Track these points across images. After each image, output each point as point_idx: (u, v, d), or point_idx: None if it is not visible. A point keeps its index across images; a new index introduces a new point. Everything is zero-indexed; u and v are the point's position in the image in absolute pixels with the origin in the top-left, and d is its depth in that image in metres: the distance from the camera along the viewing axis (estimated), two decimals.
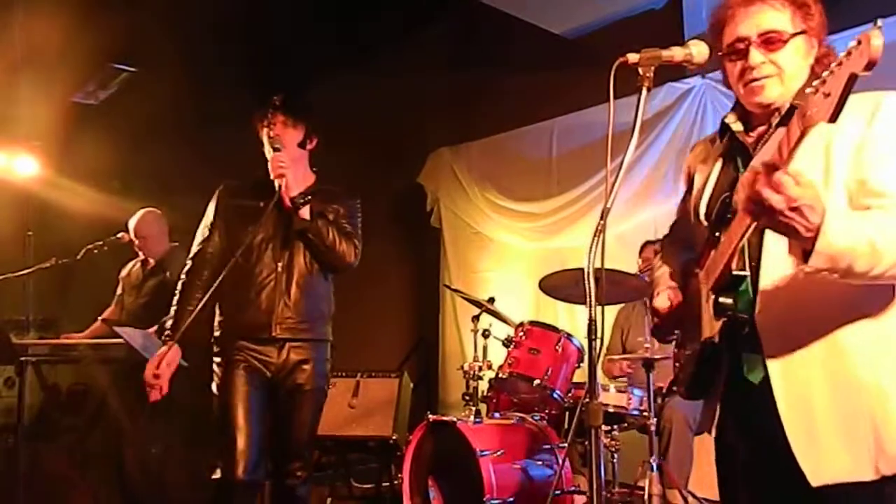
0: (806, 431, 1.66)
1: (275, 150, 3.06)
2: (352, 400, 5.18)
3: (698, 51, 1.86)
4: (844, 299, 1.64)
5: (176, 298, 3.13)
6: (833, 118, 1.31)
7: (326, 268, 3.20)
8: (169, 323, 3.11)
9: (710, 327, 1.78)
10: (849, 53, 1.29)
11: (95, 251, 4.90)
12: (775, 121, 1.79)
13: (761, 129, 1.84)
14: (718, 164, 1.92)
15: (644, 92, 1.82)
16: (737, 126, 1.89)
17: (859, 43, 1.28)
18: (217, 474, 2.99)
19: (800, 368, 1.68)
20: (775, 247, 1.65)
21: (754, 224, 1.56)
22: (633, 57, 1.83)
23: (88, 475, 4.59)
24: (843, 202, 1.65)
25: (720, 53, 1.86)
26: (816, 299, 1.65)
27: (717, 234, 1.79)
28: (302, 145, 3.17)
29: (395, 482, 4.93)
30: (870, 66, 1.27)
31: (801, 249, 1.51)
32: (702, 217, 1.90)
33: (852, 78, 1.28)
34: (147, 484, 4.39)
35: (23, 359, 4.47)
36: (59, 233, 5.68)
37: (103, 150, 5.51)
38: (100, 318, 5.04)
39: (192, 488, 4.84)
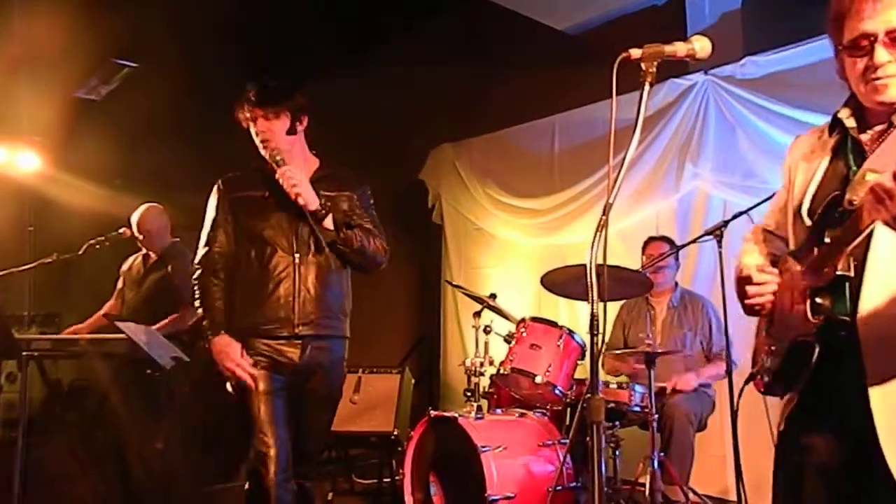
0: None
1: (276, 163, 2.99)
2: (353, 395, 5.19)
3: (701, 46, 1.85)
4: None
5: (199, 302, 3.06)
6: None
7: (358, 269, 3.24)
8: (205, 323, 3.03)
9: (805, 325, 1.75)
10: None
11: (97, 246, 4.90)
12: (888, 122, 1.75)
13: (879, 127, 1.78)
14: (826, 160, 1.87)
15: (647, 87, 1.81)
16: (850, 122, 1.83)
17: None
18: (245, 481, 2.95)
19: None
20: (884, 251, 1.61)
21: (870, 227, 1.53)
22: (635, 52, 1.82)
23: (90, 470, 4.60)
24: None
25: (839, 47, 1.80)
26: None
27: (822, 232, 1.74)
28: (291, 132, 3.06)
29: (397, 478, 4.94)
30: None
31: None
32: (804, 213, 1.85)
33: None
34: (149, 479, 4.40)
35: (24, 354, 4.47)
36: (61, 228, 5.69)
37: (105, 146, 5.52)
38: (101, 312, 5.05)
39: (195, 484, 4.85)
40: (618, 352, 4.52)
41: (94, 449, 4.69)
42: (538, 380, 4.03)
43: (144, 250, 5.05)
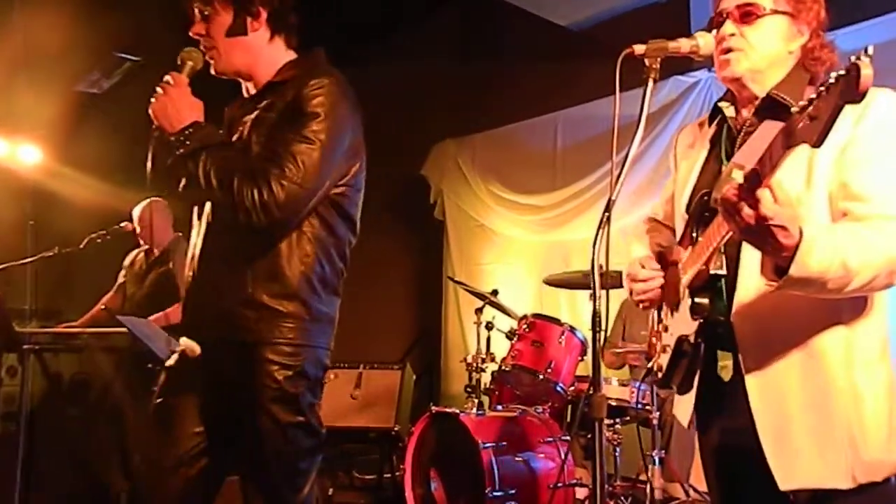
0: (778, 434, 1.64)
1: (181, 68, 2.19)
2: (354, 391, 5.19)
3: (705, 42, 1.84)
4: (821, 305, 1.61)
5: None
6: (818, 143, 1.28)
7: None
8: None
9: (687, 324, 1.76)
10: (837, 80, 1.25)
11: (98, 240, 4.89)
12: (751, 110, 1.77)
13: (745, 114, 1.80)
14: (704, 153, 1.89)
15: (650, 83, 1.80)
16: (729, 111, 1.85)
17: (848, 72, 1.23)
18: None
19: (775, 371, 1.65)
20: (754, 250, 1.62)
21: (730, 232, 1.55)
22: (639, 48, 1.82)
23: (91, 464, 4.60)
24: (824, 207, 1.63)
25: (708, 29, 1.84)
26: (793, 304, 1.62)
27: (693, 232, 1.76)
28: (236, 31, 2.16)
29: (397, 473, 4.94)
30: (860, 96, 1.23)
31: (772, 265, 1.50)
32: (682, 208, 1.88)
33: (839, 107, 1.25)
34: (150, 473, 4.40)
35: (25, 347, 4.48)
36: (62, 222, 5.67)
37: (107, 140, 5.51)
38: (101, 306, 5.05)
39: None
40: (619, 350, 4.52)
41: (95, 443, 4.69)
42: (539, 376, 4.03)
43: (146, 245, 5.05)
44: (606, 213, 1.75)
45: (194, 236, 2.22)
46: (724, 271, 1.68)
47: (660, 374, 1.90)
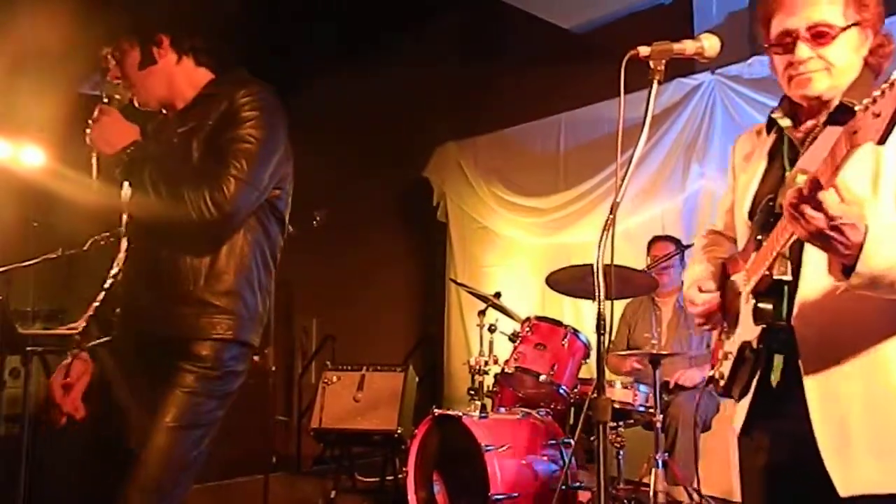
0: (838, 441, 1.62)
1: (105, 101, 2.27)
2: (357, 393, 5.18)
3: (710, 44, 1.83)
4: (886, 310, 1.60)
5: None
6: (882, 140, 1.26)
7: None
8: None
9: (750, 330, 1.75)
10: None
11: (102, 242, 4.88)
12: (823, 118, 1.74)
13: (810, 123, 1.78)
14: (764, 161, 1.87)
15: (655, 85, 1.79)
16: (784, 122, 1.83)
17: None
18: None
19: (836, 377, 1.64)
20: (817, 254, 1.61)
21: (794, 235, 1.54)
22: (644, 50, 1.81)
23: (95, 466, 4.59)
24: (892, 206, 1.61)
25: (766, 45, 1.81)
26: (857, 309, 1.61)
27: (759, 236, 1.75)
28: (145, 63, 2.28)
29: (400, 476, 4.93)
30: None
31: (840, 266, 1.49)
32: (745, 216, 1.86)
33: None
34: None
35: (28, 349, 4.47)
36: (65, 224, 5.67)
37: None
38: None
39: (203, 479, 4.84)
40: (622, 353, 4.51)
41: (99, 444, 4.69)
42: (542, 379, 4.03)
43: None
44: (611, 216, 1.74)
45: (123, 245, 2.34)
46: (788, 276, 1.67)
47: (721, 382, 1.89)
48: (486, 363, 4.26)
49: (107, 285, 2.36)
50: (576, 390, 4.15)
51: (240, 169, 2.07)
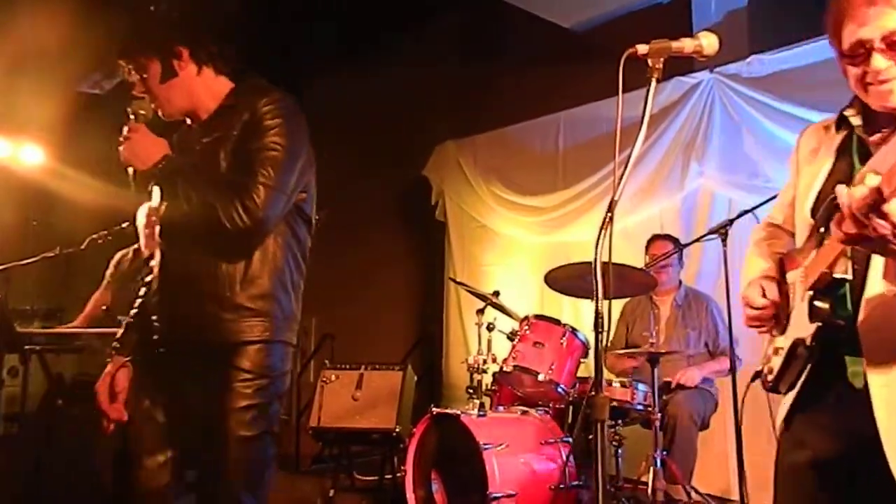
0: None
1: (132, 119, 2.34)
2: (355, 392, 5.18)
3: (708, 42, 1.83)
4: None
5: None
6: None
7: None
8: None
9: (804, 327, 1.73)
10: None
11: (100, 241, 4.90)
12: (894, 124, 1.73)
13: (886, 131, 1.76)
14: (831, 158, 1.84)
15: (653, 83, 1.79)
16: (856, 121, 1.81)
17: None
18: None
19: None
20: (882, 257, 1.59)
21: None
22: (642, 48, 1.81)
23: (93, 465, 4.60)
24: None
25: (839, 55, 1.79)
26: None
27: (821, 233, 1.73)
28: (167, 76, 2.33)
29: (398, 475, 4.93)
30: None
31: None
32: (806, 212, 1.83)
33: None
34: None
35: (27, 348, 4.47)
36: (64, 222, 5.69)
37: (109, 141, 5.49)
38: (103, 306, 5.05)
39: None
40: (621, 351, 4.51)
41: (97, 443, 4.69)
42: (541, 378, 4.03)
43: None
44: (609, 214, 1.74)
45: (156, 255, 2.40)
46: (849, 276, 1.65)
47: (770, 377, 1.88)
48: (485, 362, 4.26)
49: (141, 293, 2.43)
50: (574, 389, 4.15)
51: (268, 176, 2.14)
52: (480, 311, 4.49)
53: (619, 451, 4.16)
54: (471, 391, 4.20)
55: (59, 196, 5.85)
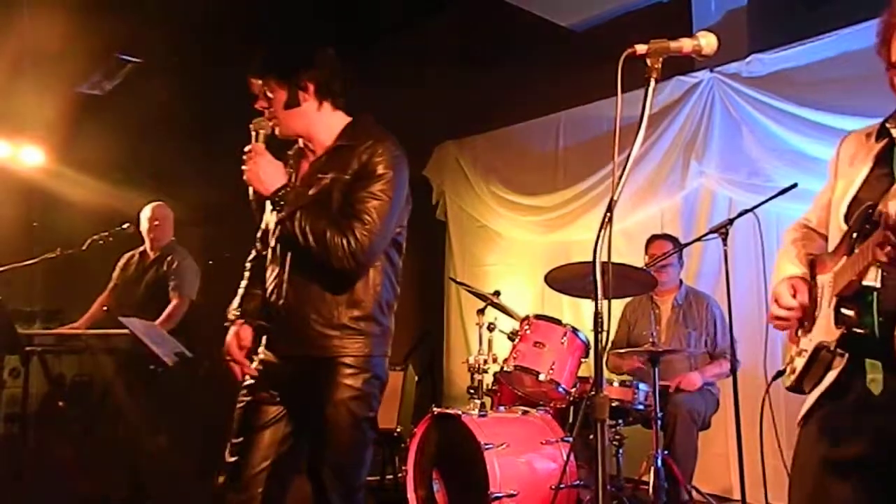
0: None
1: (254, 137, 2.61)
2: None
3: (707, 42, 1.83)
4: None
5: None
6: None
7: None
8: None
9: (828, 332, 1.74)
10: None
11: (101, 242, 4.91)
12: None
13: None
14: (868, 166, 1.85)
15: (652, 83, 1.79)
16: None
17: None
18: None
19: None
20: None
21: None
22: (641, 48, 1.81)
23: (93, 466, 4.60)
24: None
25: (887, 65, 1.79)
26: None
27: (853, 240, 1.73)
28: (291, 104, 2.60)
29: (400, 474, 4.94)
30: None
31: None
32: (840, 218, 1.84)
33: None
34: (153, 474, 4.41)
35: (28, 349, 4.48)
36: (65, 223, 5.69)
37: (109, 141, 5.52)
38: (104, 307, 5.06)
39: (200, 478, 4.85)
40: (622, 351, 4.51)
41: (97, 444, 4.70)
42: (542, 377, 4.03)
43: (148, 244, 5.08)
44: (608, 214, 1.74)
45: (270, 273, 2.65)
46: (877, 284, 1.65)
47: (792, 377, 1.89)
48: (486, 362, 4.27)
49: (269, 289, 2.64)
50: (575, 388, 4.16)
51: (372, 223, 2.46)
52: (481, 311, 4.49)
53: (620, 450, 4.16)
54: (471, 391, 4.20)
55: (59, 197, 5.86)
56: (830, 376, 1.78)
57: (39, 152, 5.70)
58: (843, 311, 1.70)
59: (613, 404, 4.07)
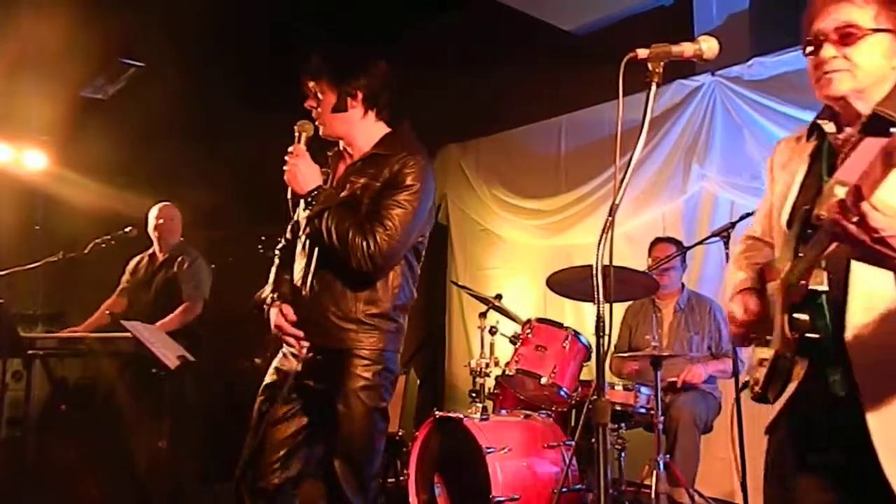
0: (894, 444, 1.63)
1: (297, 138, 2.78)
2: None
3: (708, 46, 1.84)
4: None
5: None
6: None
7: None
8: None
9: (784, 341, 1.74)
10: None
11: (103, 245, 4.91)
12: (858, 127, 1.75)
13: (848, 131, 1.79)
14: (804, 168, 1.86)
15: (653, 87, 1.80)
16: (829, 127, 1.83)
17: None
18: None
19: (892, 389, 1.64)
20: (863, 267, 1.60)
21: (833, 245, 1.53)
22: (642, 52, 1.81)
23: (96, 468, 4.61)
24: None
25: (803, 50, 1.83)
26: None
27: (796, 245, 1.74)
28: (338, 109, 2.77)
29: (401, 478, 4.93)
30: None
31: None
32: (782, 224, 1.85)
33: None
34: (154, 477, 4.41)
35: (30, 352, 4.49)
36: (67, 227, 5.69)
37: (111, 145, 5.53)
38: (106, 311, 5.07)
39: (201, 482, 4.85)
40: (624, 355, 4.51)
41: (99, 447, 4.70)
42: (543, 381, 4.03)
43: (156, 244, 5.09)
44: (610, 218, 1.74)
45: (298, 264, 2.81)
46: (824, 287, 1.66)
47: (756, 388, 1.89)
48: (487, 365, 4.27)
49: (296, 279, 2.81)
50: (577, 392, 4.15)
51: (393, 230, 2.61)
52: (483, 315, 4.49)
53: (622, 454, 4.16)
54: (473, 395, 4.20)
55: (62, 201, 5.86)
56: (793, 384, 1.78)
57: (42, 156, 5.71)
58: (796, 316, 1.71)
59: (616, 408, 4.07)
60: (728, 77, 5.01)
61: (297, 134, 2.77)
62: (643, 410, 4.12)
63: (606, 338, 1.75)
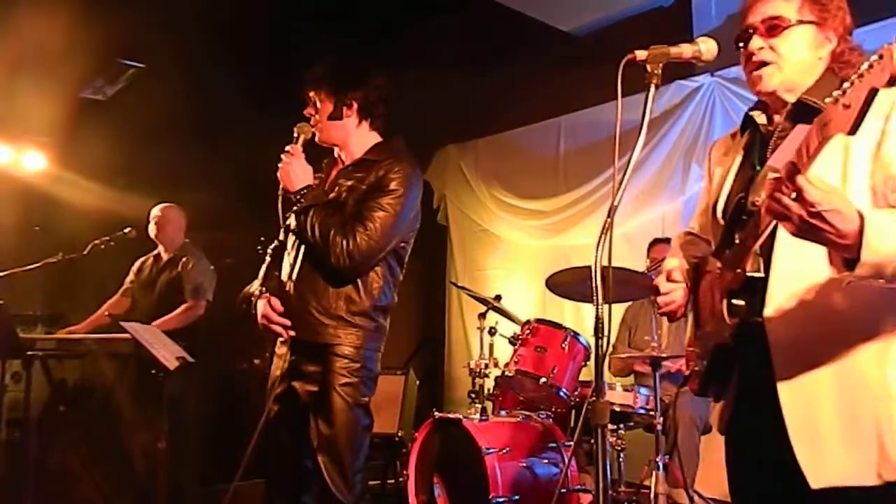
0: (809, 433, 1.64)
1: (295, 139, 2.91)
2: None
3: (707, 47, 1.85)
4: (857, 305, 1.62)
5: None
6: (853, 131, 1.29)
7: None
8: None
9: (723, 328, 1.76)
10: (870, 66, 1.27)
11: (102, 246, 4.91)
12: (784, 115, 1.79)
13: (777, 118, 1.84)
14: (738, 160, 1.90)
15: (652, 89, 1.81)
16: (761, 119, 1.88)
17: (881, 57, 1.27)
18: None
19: (807, 370, 1.66)
20: (785, 248, 1.64)
21: (770, 227, 1.55)
22: (641, 53, 1.82)
23: (94, 470, 4.61)
24: (864, 201, 1.62)
25: (735, 45, 1.86)
26: (828, 305, 1.63)
27: (732, 233, 1.76)
28: (334, 116, 2.90)
29: (401, 479, 4.93)
30: (892, 80, 1.26)
31: (841, 258, 1.48)
32: (718, 215, 1.88)
33: (873, 92, 1.27)
34: (153, 479, 4.41)
35: (30, 353, 4.48)
36: (66, 228, 5.69)
37: (111, 146, 5.53)
38: (105, 312, 5.07)
39: (200, 483, 4.85)
40: (623, 356, 4.51)
41: (98, 448, 4.70)
42: (543, 382, 4.03)
43: (156, 251, 5.09)
44: (609, 219, 1.75)
45: (285, 261, 2.93)
46: (761, 273, 1.68)
47: (697, 382, 1.91)
48: (487, 366, 4.27)
49: (283, 275, 2.92)
50: (576, 393, 4.15)
51: (373, 230, 2.72)
52: (482, 316, 4.49)
53: (622, 455, 4.16)
54: (473, 395, 4.20)
55: (61, 201, 5.86)
56: (735, 375, 1.80)
57: (41, 157, 5.71)
58: (735, 302, 1.73)
59: (615, 409, 4.06)
60: (727, 78, 5.02)
61: (295, 135, 2.89)
62: (643, 411, 4.11)
63: (605, 339, 1.75)
